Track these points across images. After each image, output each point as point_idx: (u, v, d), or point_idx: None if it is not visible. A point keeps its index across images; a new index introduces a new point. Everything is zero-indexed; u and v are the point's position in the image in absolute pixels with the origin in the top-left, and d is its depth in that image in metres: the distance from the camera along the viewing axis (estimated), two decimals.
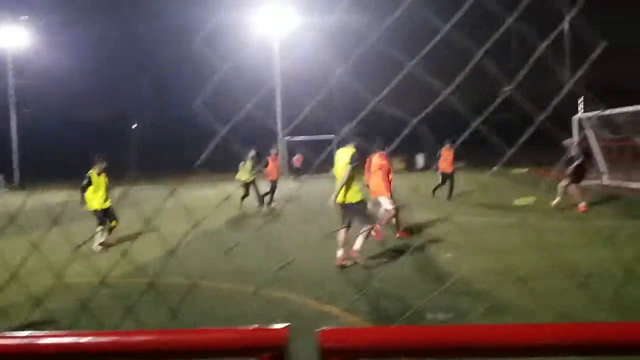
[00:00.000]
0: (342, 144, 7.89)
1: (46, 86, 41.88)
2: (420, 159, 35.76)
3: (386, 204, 9.64)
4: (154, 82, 44.97)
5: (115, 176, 10.86)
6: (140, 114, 49.10)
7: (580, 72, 1.79)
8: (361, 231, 7.52)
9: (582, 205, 12.37)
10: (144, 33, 43.67)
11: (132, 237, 10.73)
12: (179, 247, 8.96)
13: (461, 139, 1.89)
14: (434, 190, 15.79)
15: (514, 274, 6.64)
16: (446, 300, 5.91)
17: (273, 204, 15.34)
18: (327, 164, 14.09)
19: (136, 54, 44.48)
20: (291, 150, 34.97)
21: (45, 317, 5.79)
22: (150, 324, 4.91)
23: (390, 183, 9.71)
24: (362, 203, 7.64)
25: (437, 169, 15.69)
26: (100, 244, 10.17)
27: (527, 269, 6.92)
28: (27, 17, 39.67)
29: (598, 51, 1.67)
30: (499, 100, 1.72)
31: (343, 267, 7.57)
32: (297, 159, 32.08)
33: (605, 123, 18.73)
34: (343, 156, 7.62)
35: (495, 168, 28.38)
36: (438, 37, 1.66)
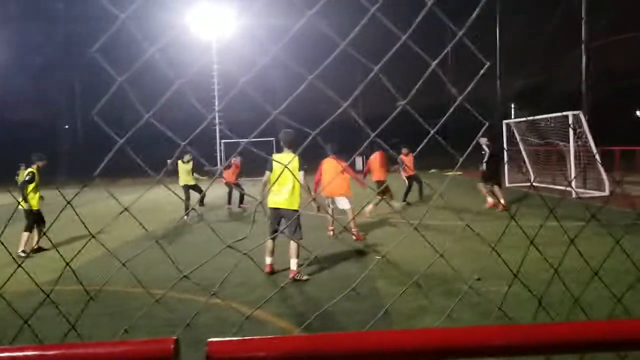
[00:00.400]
0: (281, 149, 7.76)
1: None
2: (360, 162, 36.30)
3: (346, 203, 10.04)
4: (83, 81, 43.23)
5: (45, 179, 10.36)
6: (71, 114, 47.06)
7: (468, 89, 1.89)
8: (291, 248, 7.41)
9: (490, 202, 13.49)
10: (72, 29, 41.88)
11: (63, 243, 10.29)
12: (106, 253, 8.63)
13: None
14: (405, 195, 15.65)
15: (439, 278, 6.86)
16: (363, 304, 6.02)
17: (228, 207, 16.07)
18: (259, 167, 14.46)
19: (65, 51, 42.55)
20: (228, 153, 34.77)
21: None
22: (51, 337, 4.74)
23: (349, 184, 10.15)
24: (298, 212, 7.56)
25: (403, 174, 15.95)
26: (25, 249, 9.72)
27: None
28: None
29: (482, 71, 1.76)
30: (395, 112, 1.78)
31: (272, 273, 7.57)
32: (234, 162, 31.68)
33: (533, 128, 19.70)
34: (285, 161, 7.19)
35: (452, 172, 29.14)
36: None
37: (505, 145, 21.23)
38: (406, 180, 15.78)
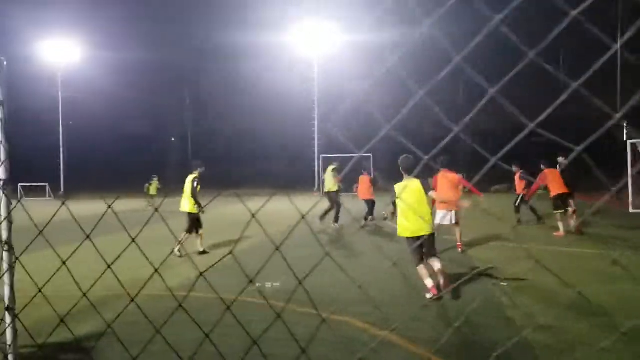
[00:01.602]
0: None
1: (90, 99, 43.00)
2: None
3: (453, 217, 10.43)
4: (194, 97, 45.67)
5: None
6: (180, 128, 49.79)
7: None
8: (435, 266, 7.05)
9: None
10: (184, 51, 44.53)
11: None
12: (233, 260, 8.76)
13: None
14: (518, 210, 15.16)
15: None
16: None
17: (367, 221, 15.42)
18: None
19: (177, 70, 45.28)
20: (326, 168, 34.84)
21: (99, 328, 5.68)
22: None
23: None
24: (434, 233, 7.23)
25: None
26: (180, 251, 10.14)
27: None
28: (74, 31, 40.91)
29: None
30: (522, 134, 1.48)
31: (439, 297, 6.87)
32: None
33: None
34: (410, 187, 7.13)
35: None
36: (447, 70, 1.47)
37: (630, 167, 19.51)
38: (521, 198, 14.93)
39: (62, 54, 40.98)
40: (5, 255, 3.73)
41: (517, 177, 15.07)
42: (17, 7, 43.38)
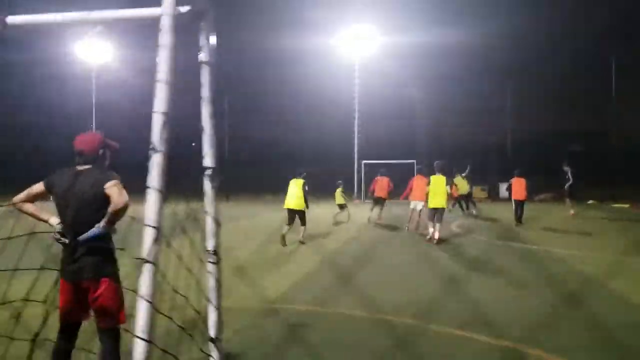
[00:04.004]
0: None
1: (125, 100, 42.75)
2: (504, 188, 33.70)
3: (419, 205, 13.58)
4: (232, 102, 45.39)
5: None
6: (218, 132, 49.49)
7: None
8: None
9: None
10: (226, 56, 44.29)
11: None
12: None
13: None
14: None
15: None
16: None
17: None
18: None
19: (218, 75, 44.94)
20: (367, 174, 33.90)
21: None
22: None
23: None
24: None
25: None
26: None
27: None
28: (101, 28, 40.61)
29: None
30: None
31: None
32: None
33: None
34: (440, 181, 12.34)
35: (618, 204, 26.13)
36: None
37: None
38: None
39: (93, 51, 40.40)
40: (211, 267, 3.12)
41: None
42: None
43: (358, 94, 38.16)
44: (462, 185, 19.24)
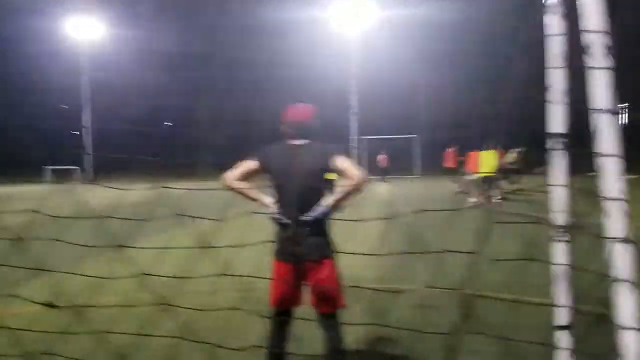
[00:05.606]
0: None
1: (118, 80, 41.69)
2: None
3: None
4: (224, 77, 44.28)
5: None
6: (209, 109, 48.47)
7: None
8: None
9: None
10: (212, 29, 42.97)
11: None
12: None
13: None
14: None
15: None
16: None
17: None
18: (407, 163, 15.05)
19: (205, 48, 43.57)
20: (370, 150, 33.40)
21: None
22: None
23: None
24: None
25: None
26: None
27: None
28: (96, 6, 39.22)
29: None
30: None
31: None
32: (382, 159, 30.32)
33: None
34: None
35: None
36: None
37: None
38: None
39: (85, 30, 39.29)
40: None
41: None
42: None
43: (355, 68, 37.42)
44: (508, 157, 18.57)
